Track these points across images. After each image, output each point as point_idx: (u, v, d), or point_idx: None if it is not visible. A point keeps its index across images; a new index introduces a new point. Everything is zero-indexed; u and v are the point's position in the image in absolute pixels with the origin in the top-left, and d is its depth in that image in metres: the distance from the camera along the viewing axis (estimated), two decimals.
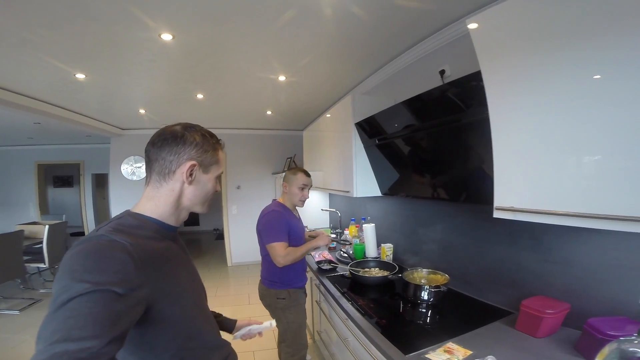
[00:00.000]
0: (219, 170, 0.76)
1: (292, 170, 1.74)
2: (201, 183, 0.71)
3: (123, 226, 0.61)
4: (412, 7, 1.39)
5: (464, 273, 1.52)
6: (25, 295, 3.43)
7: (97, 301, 0.47)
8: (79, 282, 0.47)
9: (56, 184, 7.43)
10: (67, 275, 0.48)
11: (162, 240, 0.67)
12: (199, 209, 0.76)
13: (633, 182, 0.71)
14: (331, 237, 1.72)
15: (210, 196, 0.76)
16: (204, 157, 0.70)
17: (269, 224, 1.57)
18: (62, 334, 0.43)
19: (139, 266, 0.55)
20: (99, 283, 0.48)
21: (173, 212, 0.70)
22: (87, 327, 0.44)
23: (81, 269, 0.49)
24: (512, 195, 0.99)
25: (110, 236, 0.55)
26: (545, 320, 1.01)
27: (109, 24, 1.47)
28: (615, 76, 0.72)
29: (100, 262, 0.51)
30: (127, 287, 0.51)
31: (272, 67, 2.12)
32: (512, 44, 0.95)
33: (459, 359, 0.94)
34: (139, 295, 0.54)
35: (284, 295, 1.61)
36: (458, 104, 1.24)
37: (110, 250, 0.53)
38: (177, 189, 0.68)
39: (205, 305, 0.81)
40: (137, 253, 0.55)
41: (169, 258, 0.67)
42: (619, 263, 0.95)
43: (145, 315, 0.57)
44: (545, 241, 1.15)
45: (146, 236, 0.63)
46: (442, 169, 1.49)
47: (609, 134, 0.75)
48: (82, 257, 0.51)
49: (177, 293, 0.65)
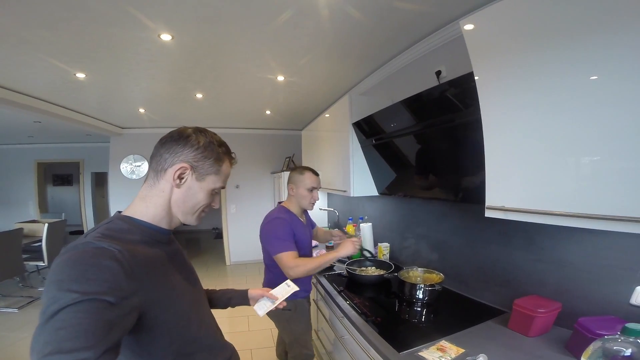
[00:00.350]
0: (216, 183, 0.70)
1: (299, 169, 1.55)
2: (192, 190, 0.67)
3: (112, 231, 0.59)
4: (409, 8, 1.40)
5: (458, 272, 1.54)
6: (23, 293, 3.44)
7: (87, 311, 0.45)
8: (67, 292, 0.45)
9: (55, 183, 7.45)
10: (54, 286, 0.47)
11: (154, 245, 0.65)
12: (186, 219, 0.70)
13: (625, 182, 0.72)
14: (359, 241, 1.47)
15: (201, 208, 0.70)
16: (201, 163, 0.66)
17: (272, 232, 1.41)
18: (53, 347, 0.41)
19: (129, 274, 0.53)
20: (87, 292, 0.46)
21: (164, 215, 0.67)
22: (79, 338, 0.43)
23: (67, 279, 0.47)
24: (503, 195, 1.00)
25: (97, 243, 0.53)
26: (537, 319, 1.02)
27: (108, 24, 1.48)
28: (607, 76, 0.73)
29: (87, 271, 0.49)
30: (118, 295, 0.50)
31: (270, 67, 2.14)
32: (504, 45, 0.96)
33: (452, 357, 0.95)
34: (130, 304, 0.52)
35: (290, 307, 1.44)
36: (454, 104, 1.25)
37: (96, 258, 0.51)
38: (167, 191, 0.66)
39: (204, 307, 0.79)
40: (126, 260, 0.53)
41: (162, 263, 0.65)
42: (610, 263, 0.96)
43: (139, 323, 0.56)
44: (538, 241, 1.16)
45: (136, 241, 0.61)
46: (438, 169, 1.51)
47: (600, 134, 0.76)
48: (68, 267, 0.49)
49: (170, 299, 0.63)
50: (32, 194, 5.70)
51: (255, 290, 1.01)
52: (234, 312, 1.14)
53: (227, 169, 0.72)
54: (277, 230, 1.40)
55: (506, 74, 0.96)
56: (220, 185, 0.71)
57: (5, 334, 2.58)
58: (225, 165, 0.71)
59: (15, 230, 3.23)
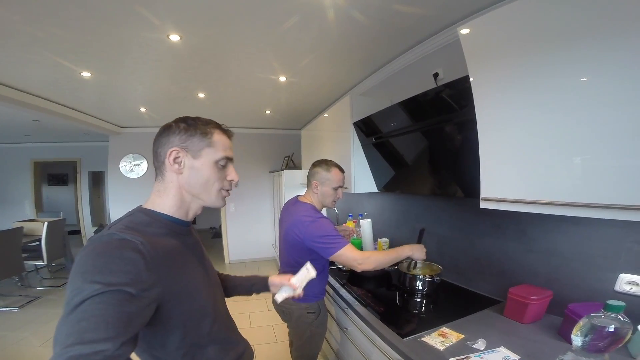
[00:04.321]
0: (216, 154, 0.68)
1: (324, 165, 1.43)
2: (194, 169, 0.67)
3: (134, 223, 0.61)
4: (411, 12, 1.46)
5: (455, 264, 1.61)
6: (22, 292, 3.43)
7: (109, 302, 0.46)
8: (90, 283, 0.47)
9: (51, 182, 7.37)
10: (79, 277, 0.48)
11: (174, 237, 0.67)
12: (206, 200, 0.70)
13: (611, 173, 0.77)
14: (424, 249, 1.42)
15: (216, 185, 0.70)
16: (189, 142, 0.66)
17: (323, 231, 1.28)
18: (75, 337, 0.42)
19: (149, 265, 0.54)
20: (110, 284, 0.48)
21: (180, 205, 0.68)
22: (99, 330, 0.44)
23: (92, 270, 0.49)
24: (496, 187, 1.07)
25: (121, 235, 0.55)
26: (530, 306, 1.09)
27: (119, 24, 1.52)
28: (598, 77, 0.79)
29: (110, 262, 0.50)
30: (139, 287, 0.51)
31: (273, 68, 2.19)
32: (499, 48, 1.02)
33: (453, 342, 1.00)
34: (150, 296, 0.53)
35: (314, 309, 1.40)
36: (451, 105, 1.32)
37: (120, 250, 0.52)
38: (174, 180, 0.67)
39: (220, 302, 0.79)
40: (147, 252, 0.55)
41: (181, 255, 0.66)
42: (595, 253, 1.03)
43: (156, 315, 0.57)
44: (529, 232, 1.24)
45: (157, 233, 0.62)
46: (435, 167, 1.58)
47: (586, 129, 0.82)
48: (92, 258, 0.50)
49: (187, 291, 0.64)
50: (28, 194, 5.66)
51: (275, 278, 1.00)
52: (236, 309, 1.14)
53: (222, 139, 0.71)
54: (327, 228, 1.30)
55: (500, 76, 1.03)
56: (221, 155, 0.69)
57: (6, 333, 2.57)
58: (217, 136, 0.70)
59: (16, 229, 3.23)
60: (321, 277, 1.42)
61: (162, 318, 0.59)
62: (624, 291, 0.94)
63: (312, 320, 1.41)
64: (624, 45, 0.72)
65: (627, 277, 0.94)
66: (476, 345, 0.97)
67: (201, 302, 0.68)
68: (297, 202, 1.45)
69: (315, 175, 1.43)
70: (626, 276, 0.95)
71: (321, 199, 1.45)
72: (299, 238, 1.31)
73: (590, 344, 0.69)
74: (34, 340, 2.47)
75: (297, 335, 1.46)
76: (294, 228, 1.33)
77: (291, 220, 1.37)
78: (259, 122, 4.31)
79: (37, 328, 2.67)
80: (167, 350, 0.63)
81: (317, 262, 1.38)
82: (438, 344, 0.99)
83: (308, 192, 1.48)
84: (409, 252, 1.35)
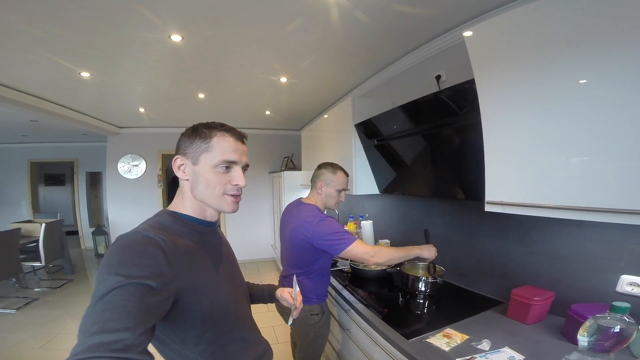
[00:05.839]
0: (213, 159, 0.68)
1: (330, 167, 1.46)
2: (195, 175, 0.69)
3: (158, 224, 0.65)
4: (414, 13, 1.46)
5: (457, 266, 1.62)
6: (20, 294, 3.40)
7: (131, 294, 0.49)
8: (115, 276, 0.50)
9: (47, 183, 7.30)
10: (105, 270, 0.52)
11: (196, 236, 0.70)
12: (211, 204, 0.71)
13: (611, 178, 0.79)
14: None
15: (219, 190, 0.69)
16: (189, 149, 0.69)
17: (330, 229, 1.28)
18: (99, 326, 0.45)
19: (169, 260, 0.57)
20: (132, 276, 0.51)
21: (196, 207, 0.72)
22: (121, 319, 0.46)
23: (117, 264, 0.52)
24: (502, 191, 1.08)
25: (144, 232, 0.59)
26: (533, 307, 1.10)
27: (120, 24, 1.51)
28: (600, 81, 0.80)
29: (134, 256, 0.54)
30: (160, 281, 0.54)
31: (274, 69, 2.19)
32: (506, 52, 1.03)
33: (457, 342, 1.01)
34: (169, 289, 0.56)
35: (318, 311, 1.42)
36: (453, 108, 1.33)
37: (144, 246, 0.56)
38: (185, 185, 0.71)
39: (242, 301, 0.80)
40: (168, 248, 0.58)
41: (202, 253, 0.69)
42: (597, 254, 1.04)
43: (174, 309, 0.59)
44: (531, 234, 1.25)
45: (179, 232, 0.66)
46: (437, 169, 1.58)
47: (590, 134, 0.83)
48: (118, 253, 0.54)
49: (207, 289, 0.66)
50: (25, 194, 5.61)
51: (283, 292, 0.97)
52: None
53: (222, 141, 0.69)
54: (334, 226, 1.30)
55: (505, 79, 1.03)
56: (220, 159, 0.68)
57: (5, 335, 2.54)
58: (217, 139, 0.69)
59: (13, 230, 3.20)
60: (324, 279, 1.45)
61: (180, 313, 0.61)
62: (626, 292, 0.96)
63: (316, 322, 1.42)
64: (629, 51, 0.73)
65: (628, 279, 0.96)
66: (481, 345, 0.98)
67: (222, 301, 0.70)
68: (301, 204, 1.46)
69: (321, 176, 1.45)
70: (627, 277, 0.96)
71: (325, 201, 1.46)
72: (306, 238, 1.31)
73: (596, 344, 0.70)
74: (34, 343, 2.45)
75: (300, 337, 1.46)
76: (300, 229, 1.33)
77: (297, 222, 1.37)
78: (258, 122, 4.30)
79: (36, 330, 2.64)
80: (187, 346, 0.65)
81: (319, 264, 1.40)
82: (443, 345, 1.00)
83: (312, 194, 1.50)
84: (419, 251, 1.38)
